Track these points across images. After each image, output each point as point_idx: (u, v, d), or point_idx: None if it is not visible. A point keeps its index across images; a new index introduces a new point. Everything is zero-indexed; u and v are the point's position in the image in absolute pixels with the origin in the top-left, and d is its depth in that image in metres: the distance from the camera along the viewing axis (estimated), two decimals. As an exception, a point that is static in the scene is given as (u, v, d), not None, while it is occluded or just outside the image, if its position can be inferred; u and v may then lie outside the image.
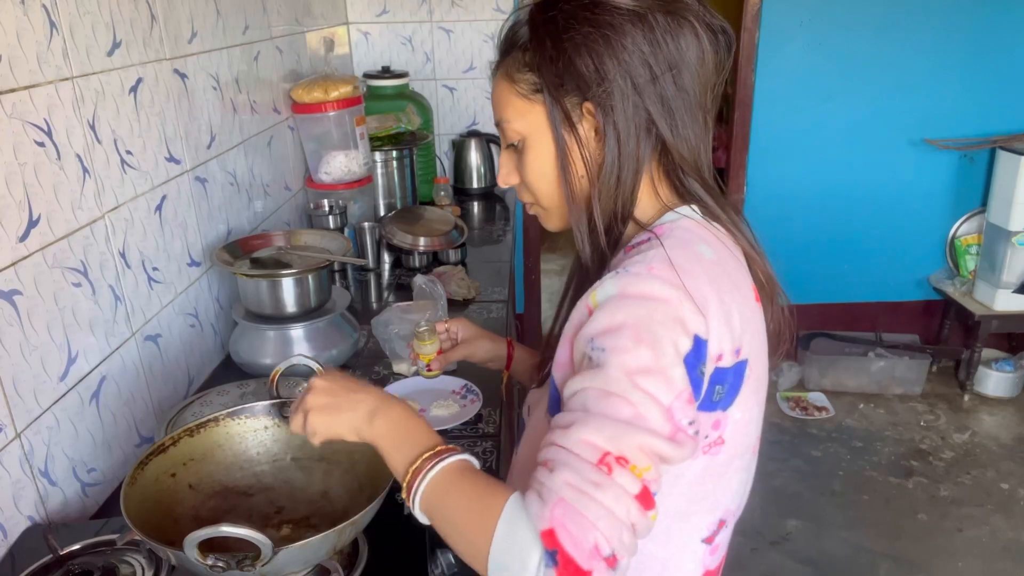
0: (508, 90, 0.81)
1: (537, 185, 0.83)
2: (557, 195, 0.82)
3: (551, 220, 0.86)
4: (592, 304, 0.71)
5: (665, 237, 0.75)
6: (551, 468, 0.64)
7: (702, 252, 0.75)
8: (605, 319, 0.69)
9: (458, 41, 2.79)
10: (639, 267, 0.70)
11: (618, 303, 0.69)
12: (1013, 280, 2.88)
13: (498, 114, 0.84)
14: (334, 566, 0.82)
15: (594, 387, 0.66)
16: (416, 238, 2.03)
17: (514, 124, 0.81)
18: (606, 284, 0.71)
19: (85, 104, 1.12)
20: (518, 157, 0.83)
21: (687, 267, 0.71)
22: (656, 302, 0.68)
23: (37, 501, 1.02)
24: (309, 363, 1.02)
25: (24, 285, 0.99)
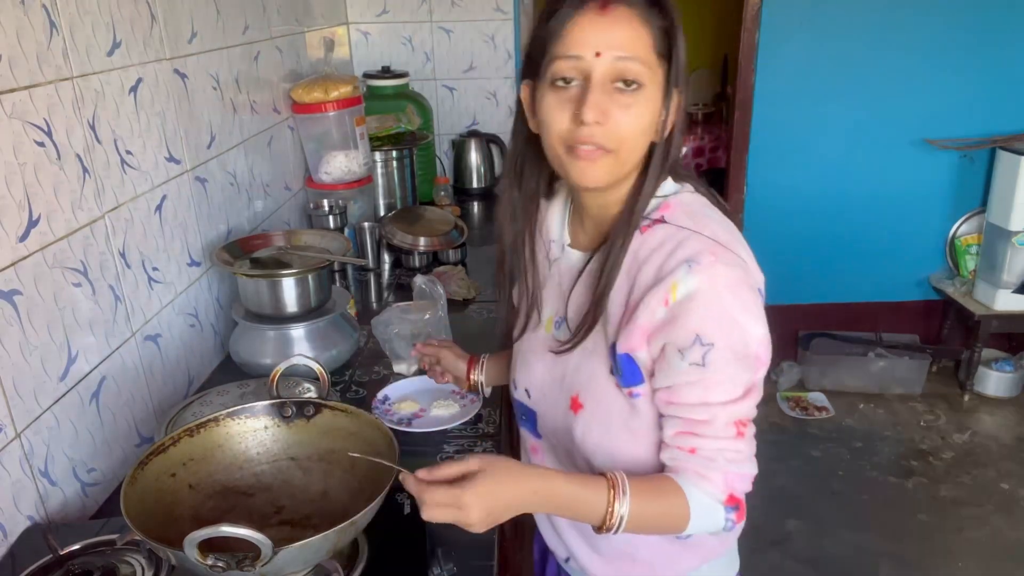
0: (646, 36, 0.80)
1: (628, 132, 0.81)
2: (636, 149, 0.83)
3: (603, 168, 0.83)
4: (672, 298, 0.79)
5: (682, 212, 0.85)
6: (704, 453, 0.82)
7: (715, 215, 0.86)
8: (701, 312, 0.78)
9: (458, 41, 2.79)
10: (707, 257, 0.78)
11: (705, 296, 0.78)
12: (1013, 280, 2.88)
13: (626, 47, 0.80)
14: (334, 566, 0.82)
15: (713, 377, 0.80)
16: (416, 238, 2.03)
17: (640, 68, 0.80)
18: (685, 279, 0.78)
19: (85, 104, 1.12)
20: (622, 102, 0.80)
21: (729, 238, 0.82)
22: (735, 284, 0.79)
23: (37, 501, 1.02)
24: (309, 363, 1.02)
25: (24, 285, 0.99)
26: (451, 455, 1.22)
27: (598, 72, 0.80)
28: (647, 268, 0.82)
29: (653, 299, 0.80)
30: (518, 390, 1.02)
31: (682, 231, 0.82)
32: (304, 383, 1.28)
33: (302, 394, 1.25)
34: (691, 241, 0.80)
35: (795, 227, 3.16)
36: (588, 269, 0.91)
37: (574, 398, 0.92)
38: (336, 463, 0.93)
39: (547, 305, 0.98)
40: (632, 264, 0.85)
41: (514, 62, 2.82)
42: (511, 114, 2.88)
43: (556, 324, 0.96)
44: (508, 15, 2.75)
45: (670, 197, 0.87)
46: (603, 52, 0.79)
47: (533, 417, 1.01)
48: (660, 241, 0.82)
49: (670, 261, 0.80)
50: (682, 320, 0.78)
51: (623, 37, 0.80)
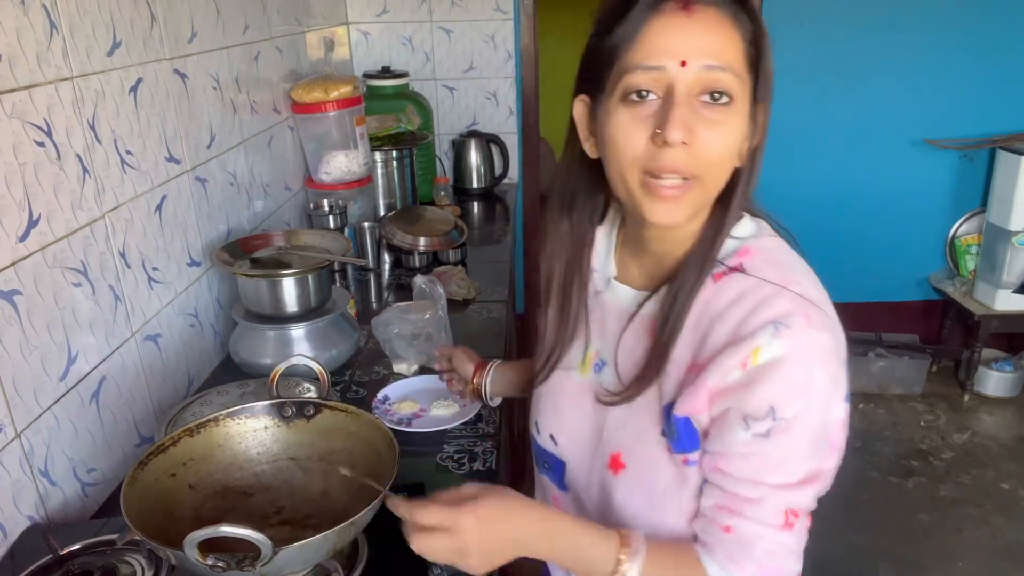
0: (738, 42, 0.69)
1: (717, 155, 0.70)
2: (722, 176, 0.72)
3: (688, 205, 0.71)
4: (753, 362, 0.67)
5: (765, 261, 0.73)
6: (740, 536, 0.72)
7: (803, 267, 0.75)
8: (783, 383, 0.67)
9: (458, 41, 2.79)
10: (798, 320, 0.67)
11: (792, 365, 0.67)
12: (1013, 280, 2.88)
13: (716, 54, 0.68)
14: (334, 566, 0.82)
15: (775, 454, 0.70)
16: (416, 238, 2.03)
17: (731, 79, 0.68)
18: (771, 344, 0.67)
19: (85, 104, 1.12)
20: (708, 119, 0.68)
21: (821, 296, 0.71)
22: (826, 355, 0.69)
23: (37, 501, 1.02)
24: (309, 363, 1.02)
25: (24, 285, 0.99)
26: (451, 455, 1.22)
27: (683, 84, 0.67)
28: (722, 325, 0.70)
29: (729, 360, 0.69)
30: (541, 435, 0.90)
31: (765, 285, 0.70)
32: (304, 383, 1.28)
33: (302, 394, 1.25)
34: (779, 299, 0.69)
35: (795, 227, 3.12)
36: (644, 312, 0.79)
37: (615, 456, 0.80)
38: (336, 463, 0.93)
39: (580, 343, 0.86)
40: (702, 317, 0.73)
41: (514, 62, 2.82)
42: (511, 114, 2.89)
43: (597, 367, 0.85)
44: (508, 15, 2.75)
45: (749, 241, 0.75)
46: (689, 60, 0.67)
47: (560, 468, 0.89)
48: (739, 294, 0.71)
49: (752, 320, 0.68)
50: (759, 387, 0.68)
51: (712, 42, 0.68)
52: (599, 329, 0.85)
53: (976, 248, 3.09)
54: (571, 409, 0.86)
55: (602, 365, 0.84)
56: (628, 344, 0.80)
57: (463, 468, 1.19)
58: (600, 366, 0.84)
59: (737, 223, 0.76)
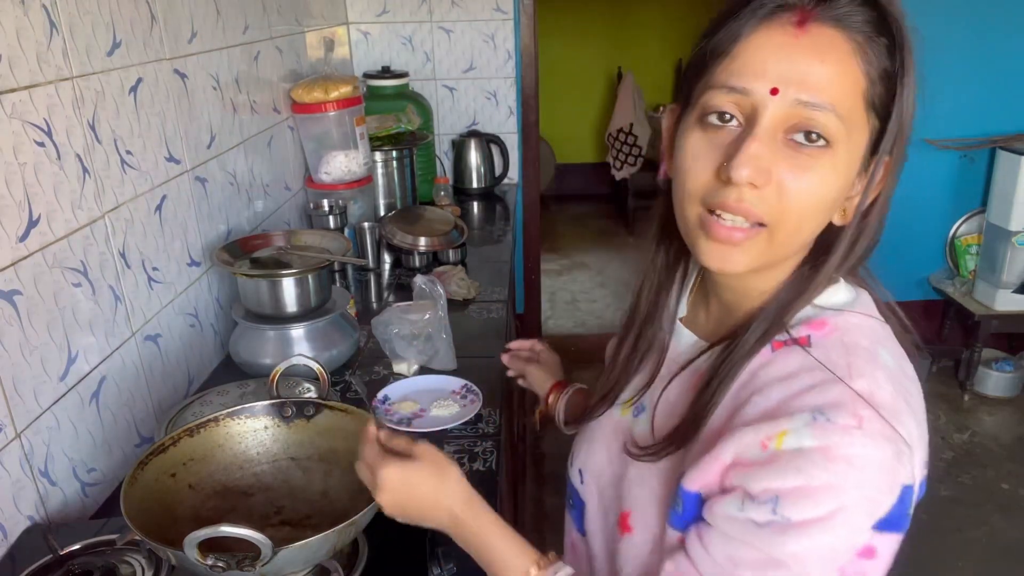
0: (858, 78, 0.57)
1: (797, 205, 0.59)
2: (803, 230, 0.61)
3: (749, 252, 0.61)
4: (776, 445, 0.56)
5: (838, 343, 0.61)
6: None
7: (886, 362, 0.60)
8: (798, 478, 0.55)
9: (458, 41, 2.79)
10: (846, 417, 0.55)
11: (817, 464, 0.54)
12: (1013, 280, 2.88)
13: (821, 88, 0.56)
14: (334, 566, 0.82)
15: (760, 552, 0.57)
16: (416, 238, 2.03)
17: (834, 121, 0.57)
18: (801, 431, 0.55)
19: (85, 104, 1.12)
20: (795, 159, 0.58)
21: (893, 403, 0.57)
22: (865, 469, 0.55)
23: (37, 501, 1.02)
24: (309, 363, 1.02)
25: (24, 285, 0.99)
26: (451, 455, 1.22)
27: (769, 114, 0.57)
28: (760, 400, 0.60)
29: (749, 435, 0.58)
30: (572, 468, 0.84)
31: (824, 373, 0.58)
32: (304, 383, 1.28)
33: (302, 394, 1.25)
34: (832, 389, 0.57)
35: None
36: (697, 365, 0.70)
37: (624, 516, 0.72)
38: (336, 463, 0.93)
39: (638, 381, 0.79)
40: (746, 386, 0.63)
41: (514, 62, 2.82)
42: (511, 114, 2.89)
43: (636, 410, 0.77)
44: (508, 15, 2.75)
45: (829, 313, 0.63)
46: (783, 89, 0.56)
47: (580, 509, 0.82)
48: (790, 372, 0.60)
49: (794, 402, 0.58)
50: (771, 470, 0.56)
51: (819, 73, 0.56)
52: (650, 368, 0.78)
53: (976, 248, 3.09)
54: (602, 448, 0.79)
55: (641, 409, 0.76)
56: (671, 395, 0.72)
57: (463, 468, 1.18)
58: (639, 410, 0.77)
59: (829, 289, 0.65)
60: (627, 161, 5.05)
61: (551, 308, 4.09)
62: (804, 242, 0.63)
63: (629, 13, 5.49)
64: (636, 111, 4.98)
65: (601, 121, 5.68)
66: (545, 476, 2.70)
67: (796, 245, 0.62)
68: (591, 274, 4.59)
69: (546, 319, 3.76)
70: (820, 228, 0.62)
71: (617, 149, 5.06)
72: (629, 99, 4.99)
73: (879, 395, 0.57)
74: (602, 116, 5.68)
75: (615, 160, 5.11)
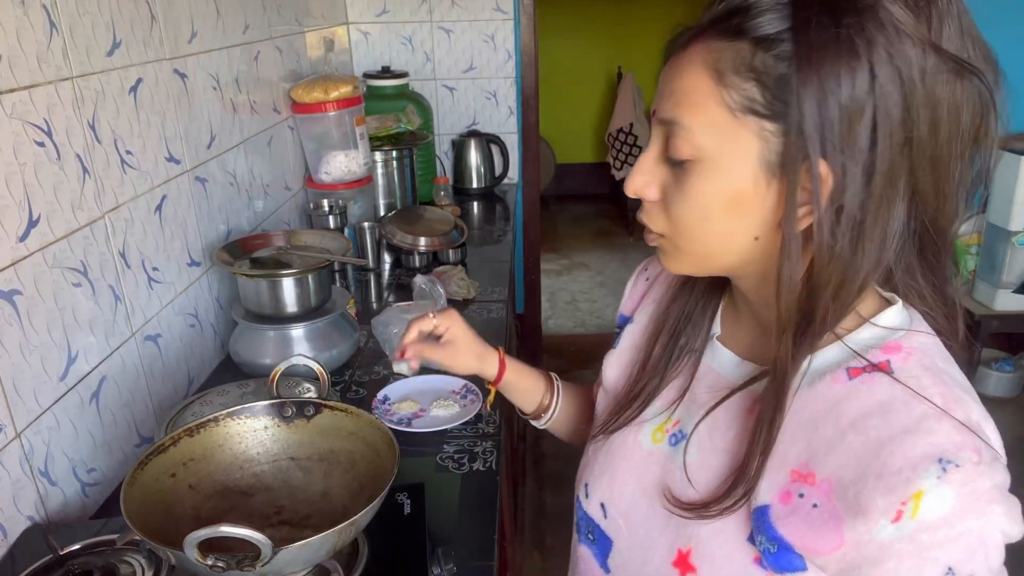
0: (708, 89, 0.57)
1: (688, 220, 0.61)
2: (708, 241, 0.62)
3: (675, 260, 0.66)
4: (911, 514, 0.51)
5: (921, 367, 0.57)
6: None
7: (959, 378, 0.58)
8: (954, 550, 0.52)
9: (458, 41, 2.79)
10: (967, 453, 0.52)
11: (964, 521, 0.51)
12: (1013, 280, 2.88)
13: (672, 110, 0.59)
14: (334, 566, 0.82)
15: None
16: (416, 238, 2.03)
17: (697, 137, 0.58)
18: (936, 490, 0.51)
19: (85, 104, 1.12)
20: (674, 175, 0.61)
21: (987, 421, 0.56)
22: (1001, 503, 0.53)
23: (37, 501, 1.02)
24: (309, 363, 1.02)
25: (24, 285, 0.99)
26: (451, 455, 1.22)
27: (653, 134, 0.63)
28: (857, 437, 0.55)
29: (877, 501, 0.52)
30: (589, 500, 0.77)
31: (920, 402, 0.55)
32: (304, 383, 1.28)
33: (302, 394, 1.25)
34: (940, 426, 0.53)
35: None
36: (754, 390, 0.65)
37: (683, 554, 0.65)
38: (336, 463, 0.93)
39: (660, 403, 0.74)
40: (825, 417, 0.58)
41: (514, 62, 2.82)
42: (511, 114, 2.89)
43: (673, 439, 0.71)
44: (508, 15, 2.75)
45: (900, 335, 0.59)
46: (658, 109, 0.61)
47: (606, 545, 0.75)
48: (883, 404, 0.56)
49: (906, 447, 0.53)
50: (925, 551, 0.52)
51: (675, 90, 0.59)
52: (688, 394, 0.72)
53: (976, 248, 3.09)
54: (631, 481, 0.73)
55: (680, 438, 0.70)
56: (720, 422, 0.66)
57: (463, 468, 1.19)
58: (677, 438, 0.70)
59: (890, 310, 0.61)
60: (627, 161, 5.05)
61: (551, 308, 4.09)
62: (718, 249, 0.62)
63: (629, 13, 5.50)
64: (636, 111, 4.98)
65: (601, 121, 5.68)
66: (545, 476, 2.70)
67: (706, 252, 0.63)
68: (591, 274, 4.59)
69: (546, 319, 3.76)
70: (730, 236, 0.60)
71: (617, 149, 5.07)
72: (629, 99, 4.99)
73: (974, 418, 0.55)
74: (602, 116, 5.68)
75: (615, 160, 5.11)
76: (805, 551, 0.57)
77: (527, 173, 3.00)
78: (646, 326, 0.81)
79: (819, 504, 0.56)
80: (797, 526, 0.57)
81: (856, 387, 0.58)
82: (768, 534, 0.59)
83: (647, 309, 0.83)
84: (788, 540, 0.58)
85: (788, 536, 0.58)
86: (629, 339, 0.84)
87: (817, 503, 0.56)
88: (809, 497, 0.57)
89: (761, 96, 0.55)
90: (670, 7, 5.41)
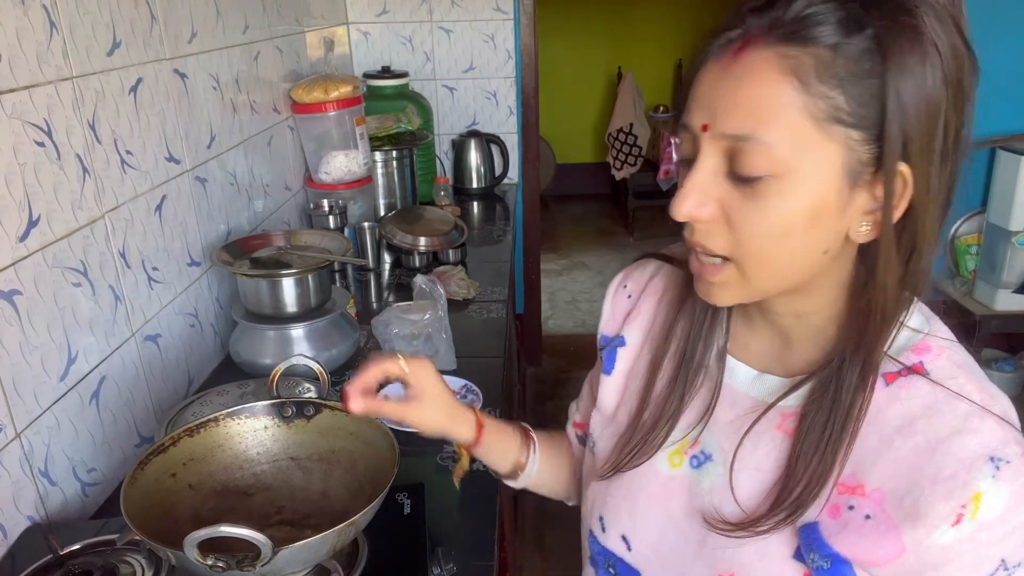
0: (789, 99, 0.52)
1: (764, 240, 0.56)
2: (783, 261, 0.57)
3: (735, 290, 0.60)
4: (971, 514, 0.51)
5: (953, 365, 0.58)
6: None
7: (981, 372, 0.59)
8: (1013, 538, 0.52)
9: (458, 41, 2.79)
10: (1013, 447, 0.53)
11: (1017, 513, 0.52)
12: (1013, 280, 2.88)
13: (743, 123, 0.53)
14: (334, 566, 0.82)
15: None
16: (416, 238, 2.03)
17: (777, 151, 0.53)
18: (993, 489, 0.51)
19: (85, 104, 1.12)
20: (742, 192, 0.55)
21: (1012, 411, 0.56)
22: None
23: (37, 501, 1.02)
24: (309, 363, 1.02)
25: (24, 285, 0.99)
26: (451, 455, 1.22)
27: (704, 151, 0.56)
28: (905, 441, 0.55)
29: (937, 507, 0.52)
30: (607, 534, 0.73)
31: (960, 400, 0.55)
32: (304, 383, 1.28)
33: (302, 394, 1.25)
34: (984, 424, 0.54)
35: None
36: (783, 407, 0.62)
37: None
38: (336, 463, 0.93)
39: (678, 428, 0.70)
40: (871, 427, 0.57)
41: (514, 62, 2.82)
42: (511, 114, 2.89)
43: (694, 460, 0.68)
44: (508, 15, 2.75)
45: (925, 335, 0.59)
46: (711, 123, 0.55)
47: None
48: (927, 407, 0.55)
49: (956, 449, 0.53)
50: (983, 549, 0.52)
51: (744, 102, 0.53)
52: (702, 414, 0.69)
53: (976, 248, 3.09)
54: (655, 510, 0.69)
55: (705, 459, 0.67)
56: (747, 441, 0.64)
57: (463, 468, 1.19)
58: (701, 460, 0.68)
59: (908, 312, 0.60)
60: (627, 161, 5.05)
61: (551, 308, 4.09)
62: (788, 269, 0.58)
63: (629, 13, 5.49)
64: (636, 111, 4.98)
65: (601, 121, 5.68)
66: (545, 476, 2.70)
67: (776, 274, 0.58)
68: (591, 274, 4.59)
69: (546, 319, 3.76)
70: (805, 253, 0.57)
71: (617, 149, 5.07)
72: (629, 99, 4.99)
73: (1010, 411, 0.56)
74: (602, 116, 5.68)
75: (615, 160, 5.11)
76: (863, 563, 0.56)
77: (527, 173, 3.00)
78: (642, 348, 0.76)
79: (872, 515, 0.55)
80: (852, 540, 0.56)
81: (895, 392, 0.57)
82: (821, 551, 0.57)
83: (639, 328, 0.77)
84: (844, 555, 0.56)
85: (844, 551, 0.56)
86: (624, 363, 0.78)
87: (870, 514, 0.55)
88: (860, 509, 0.56)
89: (847, 104, 0.51)
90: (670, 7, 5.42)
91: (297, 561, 0.76)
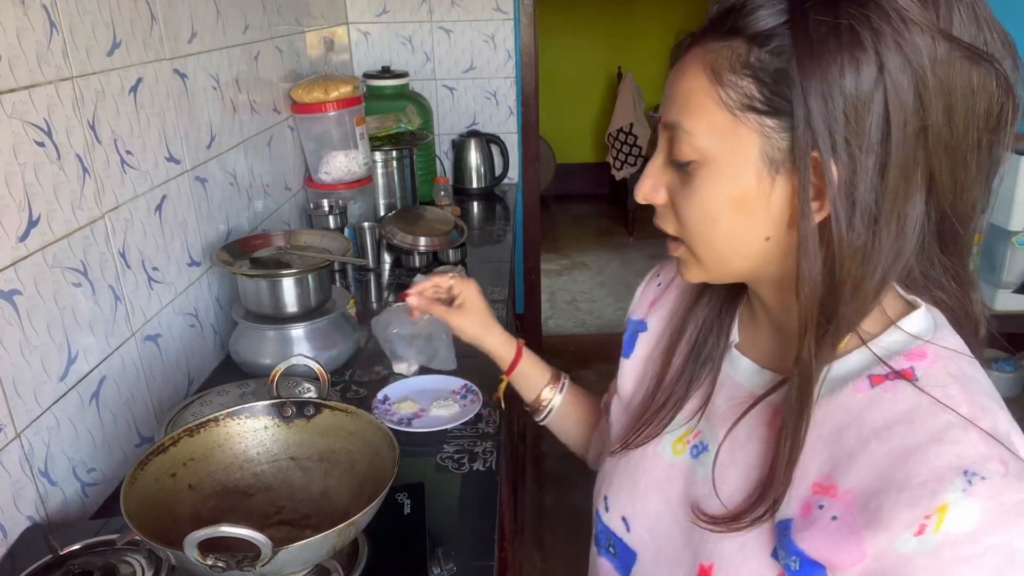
0: (705, 91, 0.57)
1: (696, 223, 0.61)
2: (719, 244, 0.61)
3: (694, 269, 0.65)
4: (935, 527, 0.49)
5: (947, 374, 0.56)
6: None
7: (986, 386, 0.57)
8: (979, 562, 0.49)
9: (458, 41, 2.79)
10: (993, 465, 0.50)
11: (988, 536, 0.49)
12: (1013, 280, 2.88)
13: (675, 114, 0.60)
14: (334, 566, 0.82)
15: None
16: (416, 238, 2.03)
17: (697, 139, 0.58)
18: (962, 503, 0.49)
19: (85, 104, 1.12)
20: (680, 178, 0.61)
21: (1014, 430, 0.54)
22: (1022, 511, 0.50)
23: (37, 501, 1.02)
24: (309, 363, 1.02)
25: (24, 285, 0.99)
26: (451, 455, 1.22)
27: (661, 140, 0.63)
28: (881, 446, 0.54)
29: (901, 515, 0.51)
30: (610, 514, 0.76)
31: (945, 411, 0.53)
32: (304, 383, 1.28)
33: (302, 394, 1.25)
34: (966, 436, 0.52)
35: (795, 227, 3.16)
36: (773, 400, 0.63)
37: (705, 569, 0.64)
38: (336, 463, 0.93)
39: (682, 415, 0.73)
40: (847, 427, 0.57)
41: (514, 62, 2.82)
42: (511, 114, 2.89)
43: (694, 450, 0.70)
44: (508, 15, 2.75)
45: (924, 341, 0.58)
46: (662, 116, 0.62)
47: (628, 559, 0.74)
48: (907, 413, 0.54)
49: (931, 458, 0.51)
50: (947, 568, 0.50)
51: (678, 96, 0.60)
52: (705, 403, 0.71)
53: (976, 248, 3.09)
54: (654, 494, 0.72)
55: (702, 449, 0.69)
56: (740, 435, 0.65)
57: (463, 468, 1.19)
58: (699, 449, 0.69)
59: (914, 314, 0.59)
60: (627, 161, 5.05)
61: (551, 308, 4.09)
62: (730, 252, 0.61)
63: (629, 13, 5.50)
64: (636, 111, 4.99)
65: (601, 121, 5.68)
66: (545, 476, 2.70)
67: (720, 257, 0.62)
68: (591, 274, 4.59)
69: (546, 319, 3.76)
70: (743, 237, 0.59)
71: (617, 149, 5.07)
72: (629, 99, 5.00)
73: (1001, 428, 0.53)
74: (602, 116, 5.68)
75: (615, 160, 5.11)
76: (829, 565, 0.55)
77: (527, 173, 3.00)
78: (661, 335, 0.79)
79: (839, 516, 0.54)
80: (817, 540, 0.55)
81: (879, 395, 0.56)
82: (788, 549, 0.57)
83: (661, 316, 0.81)
84: (810, 554, 0.56)
85: (809, 550, 0.56)
86: (644, 348, 0.82)
87: (837, 515, 0.55)
88: (829, 509, 0.55)
89: (759, 92, 0.55)
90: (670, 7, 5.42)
91: (297, 561, 0.76)
